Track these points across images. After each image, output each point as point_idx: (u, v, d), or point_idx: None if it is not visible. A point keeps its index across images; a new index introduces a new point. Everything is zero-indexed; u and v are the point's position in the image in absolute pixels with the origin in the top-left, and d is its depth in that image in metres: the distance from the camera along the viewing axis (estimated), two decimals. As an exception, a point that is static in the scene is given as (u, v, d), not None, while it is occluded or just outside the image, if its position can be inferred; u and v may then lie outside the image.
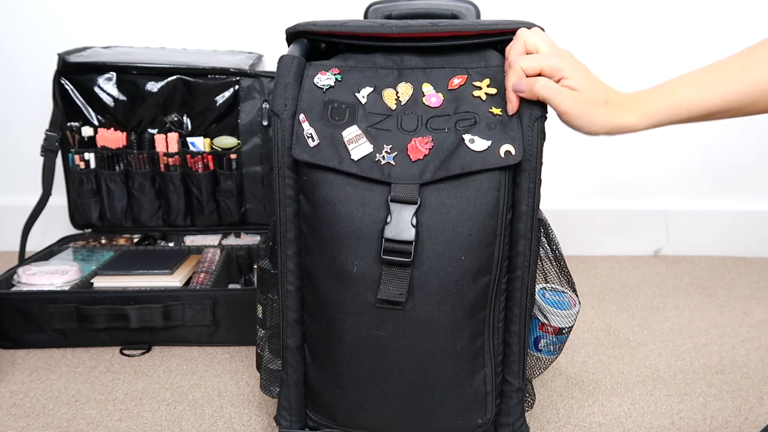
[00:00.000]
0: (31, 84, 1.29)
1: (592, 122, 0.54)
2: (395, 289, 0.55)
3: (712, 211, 1.40)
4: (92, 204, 1.17)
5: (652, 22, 1.28)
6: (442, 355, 0.57)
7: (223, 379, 0.85)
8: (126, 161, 1.16)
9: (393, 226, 0.54)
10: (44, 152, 1.11)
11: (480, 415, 0.61)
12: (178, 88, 1.13)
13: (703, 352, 0.94)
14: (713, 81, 0.53)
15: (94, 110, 1.14)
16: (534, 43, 0.55)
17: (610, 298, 1.17)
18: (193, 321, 0.91)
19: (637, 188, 1.41)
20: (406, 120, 0.57)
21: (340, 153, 0.55)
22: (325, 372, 0.61)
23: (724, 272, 1.31)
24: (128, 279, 0.97)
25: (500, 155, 0.54)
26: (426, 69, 0.59)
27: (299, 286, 0.62)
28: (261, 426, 0.74)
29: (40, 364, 0.88)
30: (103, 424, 0.74)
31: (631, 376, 0.87)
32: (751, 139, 1.37)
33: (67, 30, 1.26)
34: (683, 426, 0.75)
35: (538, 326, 0.67)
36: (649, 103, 0.54)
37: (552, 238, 0.64)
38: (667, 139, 1.37)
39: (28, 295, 0.90)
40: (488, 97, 0.57)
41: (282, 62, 0.59)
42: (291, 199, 0.59)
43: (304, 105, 0.57)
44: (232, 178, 1.18)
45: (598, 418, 0.77)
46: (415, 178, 0.54)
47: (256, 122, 1.16)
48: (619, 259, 1.40)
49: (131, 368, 0.87)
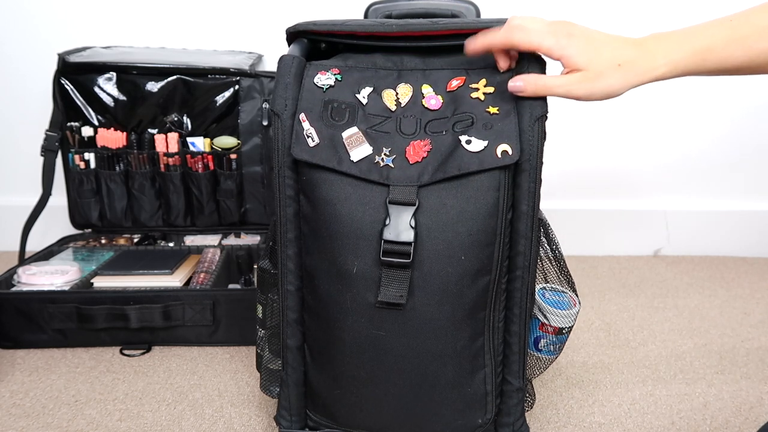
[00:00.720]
0: (31, 84, 1.30)
1: (609, 91, 0.52)
2: (395, 290, 0.55)
3: (712, 211, 1.40)
4: (92, 204, 1.17)
5: (653, 22, 1.28)
6: (442, 355, 0.57)
7: (223, 379, 0.85)
8: (126, 161, 1.16)
9: (392, 228, 0.54)
10: (44, 152, 1.11)
11: (480, 415, 0.61)
12: (178, 88, 1.13)
13: (703, 352, 0.94)
14: (741, 34, 0.51)
15: (94, 110, 1.14)
16: (519, 24, 0.53)
17: (610, 298, 1.17)
18: (193, 321, 0.91)
19: (637, 188, 1.41)
20: (405, 123, 0.57)
21: (339, 153, 0.55)
22: (325, 372, 0.61)
23: (724, 272, 1.31)
24: (128, 279, 0.97)
25: (497, 155, 0.54)
26: (425, 70, 0.59)
27: (299, 286, 0.62)
28: (261, 426, 0.74)
29: (40, 364, 0.88)
30: (103, 424, 0.74)
31: (631, 376, 0.87)
32: (751, 139, 1.37)
33: (67, 30, 1.26)
34: (683, 426, 0.75)
35: (538, 326, 0.67)
36: (677, 49, 0.51)
37: (552, 238, 0.64)
38: (667, 140, 1.37)
39: (28, 295, 0.90)
40: (486, 97, 0.57)
41: (282, 62, 0.59)
42: (291, 199, 0.59)
43: (304, 104, 0.57)
44: (232, 178, 1.18)
45: (598, 418, 0.77)
46: (413, 180, 0.54)
47: (256, 122, 1.16)
48: (619, 259, 1.40)
49: (131, 368, 0.87)
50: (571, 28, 0.53)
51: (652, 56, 0.52)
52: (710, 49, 0.51)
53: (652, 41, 0.53)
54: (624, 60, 0.52)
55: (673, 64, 0.52)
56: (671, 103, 1.33)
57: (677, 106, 1.34)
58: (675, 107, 1.34)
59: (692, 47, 0.52)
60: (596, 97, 0.53)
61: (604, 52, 0.52)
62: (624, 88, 0.52)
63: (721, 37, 0.51)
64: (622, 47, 0.52)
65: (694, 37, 0.52)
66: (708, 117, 1.35)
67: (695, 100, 1.33)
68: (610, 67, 0.51)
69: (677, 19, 1.28)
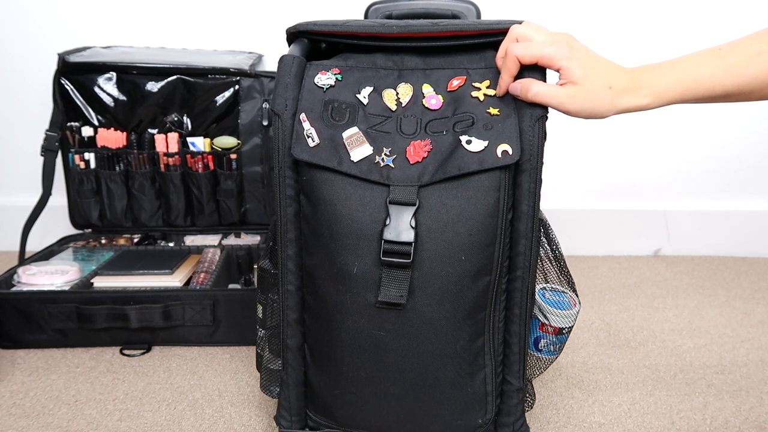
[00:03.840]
0: (31, 84, 1.30)
1: (596, 111, 0.53)
2: (396, 291, 0.55)
3: (712, 211, 1.41)
4: (92, 204, 1.17)
5: (655, 22, 1.28)
6: (442, 355, 0.57)
7: (223, 379, 0.85)
8: (126, 161, 1.16)
9: (392, 228, 0.54)
10: (44, 152, 1.11)
11: (480, 415, 0.61)
12: (178, 88, 1.13)
13: (703, 352, 0.94)
14: (728, 64, 0.52)
15: (94, 110, 1.14)
16: (524, 33, 0.54)
17: (610, 298, 1.17)
18: (193, 321, 0.91)
19: (637, 188, 1.41)
20: (406, 123, 0.57)
21: (339, 153, 0.55)
22: (325, 372, 0.61)
23: (724, 272, 1.31)
24: (128, 279, 0.97)
25: (497, 155, 0.54)
26: (426, 70, 0.59)
27: (299, 286, 0.62)
28: (261, 426, 0.74)
29: (40, 364, 0.88)
30: (103, 424, 0.74)
31: (631, 376, 0.87)
32: (751, 140, 1.37)
33: (67, 30, 1.26)
34: (683, 426, 0.75)
35: (538, 326, 0.67)
36: (662, 80, 0.52)
37: (552, 238, 0.64)
38: (667, 140, 1.37)
39: (28, 295, 0.90)
40: (486, 98, 0.57)
41: (282, 62, 0.59)
42: (291, 199, 0.59)
43: (304, 104, 0.57)
44: (232, 178, 1.18)
45: (598, 418, 0.77)
46: (413, 181, 0.54)
47: (256, 122, 1.16)
48: (619, 259, 1.40)
49: (131, 368, 0.87)
50: (572, 41, 0.54)
51: (640, 86, 0.53)
52: (695, 79, 0.52)
53: (640, 71, 0.54)
54: (615, 84, 0.53)
55: (657, 94, 0.53)
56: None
57: (677, 106, 1.33)
58: (675, 108, 1.34)
59: (677, 78, 0.52)
60: (583, 115, 0.54)
61: (600, 72, 0.53)
62: (610, 112, 0.53)
63: (708, 67, 0.52)
64: (615, 72, 0.53)
65: (680, 67, 0.53)
66: (708, 117, 1.35)
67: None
68: (602, 87, 0.52)
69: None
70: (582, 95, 0.52)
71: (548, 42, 0.53)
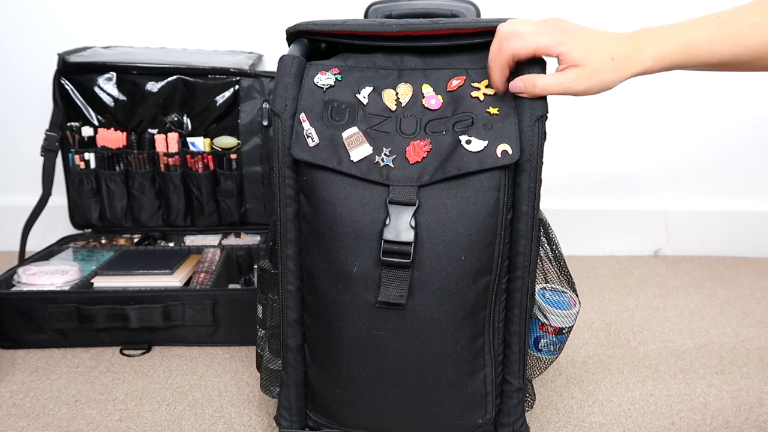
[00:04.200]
0: (31, 84, 1.30)
1: (603, 85, 0.53)
2: (395, 291, 0.55)
3: (712, 211, 1.41)
4: (92, 204, 1.17)
5: (644, 17, 1.28)
6: (442, 355, 0.57)
7: (223, 379, 0.85)
8: (126, 161, 1.16)
9: (392, 228, 0.54)
10: (44, 152, 1.11)
11: (480, 415, 0.61)
12: (178, 88, 1.13)
13: (703, 352, 0.94)
14: (728, 32, 0.52)
15: (94, 110, 1.14)
16: (513, 29, 0.53)
17: (610, 298, 1.17)
18: (193, 321, 0.91)
19: (637, 188, 1.41)
20: (405, 123, 0.57)
21: (339, 153, 0.55)
22: (325, 372, 0.61)
23: (724, 272, 1.31)
24: (128, 279, 0.97)
25: (497, 155, 0.54)
26: (426, 70, 0.59)
27: (299, 286, 0.62)
28: (261, 426, 0.74)
29: (40, 364, 0.88)
30: (103, 424, 0.74)
31: (631, 376, 0.87)
32: (751, 139, 1.37)
33: (67, 30, 1.26)
34: (683, 426, 0.75)
35: (538, 326, 0.67)
36: (664, 44, 0.53)
37: (552, 238, 0.64)
38: (667, 140, 1.37)
39: (28, 295, 0.90)
40: (486, 98, 0.57)
41: (282, 62, 0.59)
42: (291, 199, 0.59)
43: (304, 104, 0.57)
44: (232, 178, 1.18)
45: (598, 418, 0.77)
46: (413, 180, 0.54)
47: (256, 122, 1.16)
48: (619, 259, 1.40)
49: (131, 368, 0.87)
50: (563, 24, 0.53)
51: (642, 50, 0.53)
52: (696, 45, 0.53)
53: (641, 35, 0.54)
54: (617, 54, 0.53)
55: (660, 57, 0.53)
56: (671, 103, 1.33)
57: (677, 106, 1.34)
58: (675, 107, 1.34)
59: (679, 42, 0.53)
60: (593, 92, 0.54)
61: (599, 47, 0.53)
62: (617, 81, 0.54)
63: (707, 33, 0.52)
64: (615, 42, 0.53)
65: (681, 32, 0.53)
66: (708, 117, 1.35)
67: (695, 100, 1.33)
68: (605, 61, 0.53)
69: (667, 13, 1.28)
70: (586, 74, 0.52)
71: (540, 32, 0.53)
